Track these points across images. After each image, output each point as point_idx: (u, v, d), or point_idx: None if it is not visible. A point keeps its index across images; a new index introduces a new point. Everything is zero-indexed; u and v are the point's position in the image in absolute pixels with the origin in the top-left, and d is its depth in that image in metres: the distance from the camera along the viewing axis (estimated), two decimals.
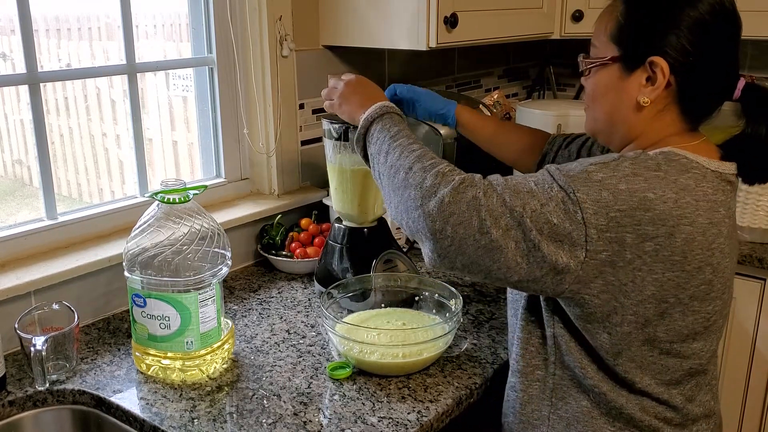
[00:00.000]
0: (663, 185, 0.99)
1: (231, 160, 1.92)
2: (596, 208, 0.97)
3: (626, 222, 0.97)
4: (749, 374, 2.00)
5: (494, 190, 1.01)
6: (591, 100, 1.16)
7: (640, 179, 0.99)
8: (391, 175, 1.13)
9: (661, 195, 0.98)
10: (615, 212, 0.97)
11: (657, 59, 1.04)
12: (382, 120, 1.22)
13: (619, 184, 0.98)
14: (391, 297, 1.51)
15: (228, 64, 1.84)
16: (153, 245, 1.27)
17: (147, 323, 1.29)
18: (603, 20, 1.12)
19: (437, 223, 1.02)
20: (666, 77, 1.05)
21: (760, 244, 1.98)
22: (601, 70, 1.11)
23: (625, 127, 1.12)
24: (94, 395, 1.28)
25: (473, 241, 1.00)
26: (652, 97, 1.07)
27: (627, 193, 0.97)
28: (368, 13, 1.85)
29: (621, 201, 0.97)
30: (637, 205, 0.97)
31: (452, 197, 1.01)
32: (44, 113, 1.53)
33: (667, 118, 1.09)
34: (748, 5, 1.98)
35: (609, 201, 0.97)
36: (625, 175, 0.99)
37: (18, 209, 3.51)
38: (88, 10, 2.48)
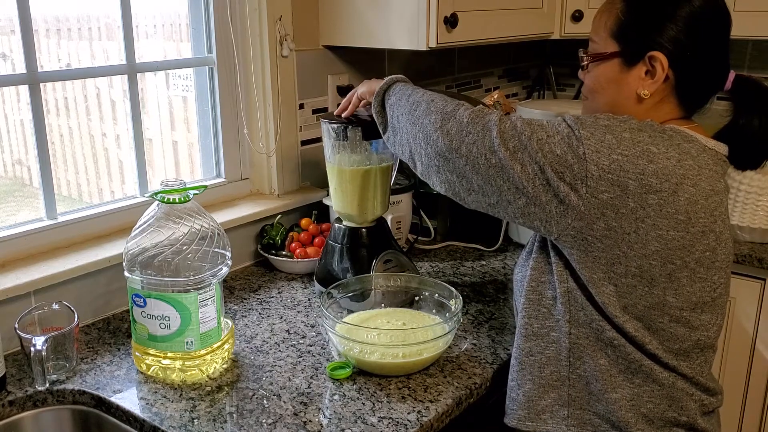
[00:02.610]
0: (667, 144, 1.06)
1: (231, 160, 1.92)
2: (598, 147, 1.04)
3: (629, 167, 1.03)
4: (749, 374, 2.00)
5: (509, 118, 1.11)
6: (591, 92, 1.22)
7: (644, 134, 1.06)
8: (411, 111, 1.23)
9: (664, 152, 1.04)
10: (617, 155, 1.03)
11: (656, 54, 1.12)
12: (404, 82, 1.34)
13: (624, 132, 1.05)
14: (391, 297, 1.51)
15: (228, 64, 1.84)
16: (153, 245, 1.27)
17: (147, 323, 1.29)
18: (602, 17, 1.18)
19: (454, 141, 1.13)
20: (665, 71, 1.12)
21: (760, 244, 1.98)
22: (602, 64, 1.17)
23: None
24: (94, 395, 1.28)
25: (485, 160, 1.10)
26: (652, 89, 1.14)
27: (630, 141, 1.04)
28: (368, 13, 1.85)
29: (624, 147, 1.04)
30: (639, 154, 1.03)
31: (470, 119, 1.13)
32: (44, 113, 1.53)
33: (665, 107, 1.16)
34: (748, 5, 1.99)
35: (612, 143, 1.04)
36: (630, 127, 1.06)
37: (18, 209, 3.51)
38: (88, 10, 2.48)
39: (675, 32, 1.11)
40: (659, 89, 1.15)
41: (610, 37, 1.16)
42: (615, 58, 1.16)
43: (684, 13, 1.11)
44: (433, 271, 1.81)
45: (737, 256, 1.94)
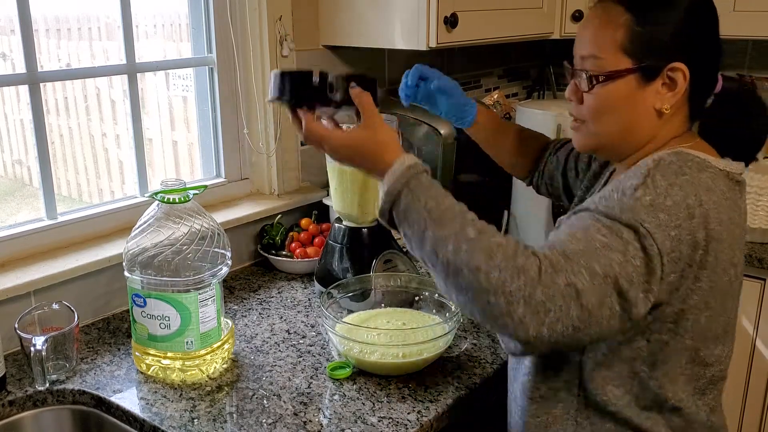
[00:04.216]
0: (693, 188, 0.97)
1: (231, 160, 1.92)
2: (661, 233, 0.93)
3: (683, 236, 0.94)
4: (749, 374, 2.00)
5: (574, 261, 0.90)
6: (596, 114, 1.08)
7: (676, 188, 0.96)
8: (447, 271, 0.94)
9: (695, 198, 0.96)
10: (673, 230, 0.94)
11: (678, 65, 1.02)
12: (409, 191, 0.98)
13: (666, 200, 0.95)
14: (391, 297, 1.51)
15: (228, 64, 1.84)
16: (153, 245, 1.27)
17: (147, 323, 1.29)
18: (604, 30, 1.05)
19: (531, 328, 0.89)
20: (686, 81, 1.03)
21: (760, 244, 1.98)
22: (612, 83, 1.05)
23: (639, 136, 1.08)
24: (94, 395, 1.28)
25: (571, 330, 0.90)
26: (672, 102, 1.04)
27: (675, 208, 0.95)
28: (368, 13, 1.85)
29: (674, 217, 0.94)
30: (685, 216, 0.95)
31: (543, 293, 0.88)
32: (44, 113, 1.53)
33: (676, 120, 1.08)
34: (748, 5, 1.99)
35: (666, 221, 0.93)
36: (665, 189, 0.96)
37: (18, 209, 3.51)
38: (88, 10, 2.48)
39: (688, 36, 1.03)
40: (674, 103, 1.05)
41: (621, 52, 1.03)
42: (632, 74, 1.04)
43: (696, 14, 1.04)
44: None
45: None
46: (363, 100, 1.07)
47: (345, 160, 1.10)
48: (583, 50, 1.08)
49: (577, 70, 1.09)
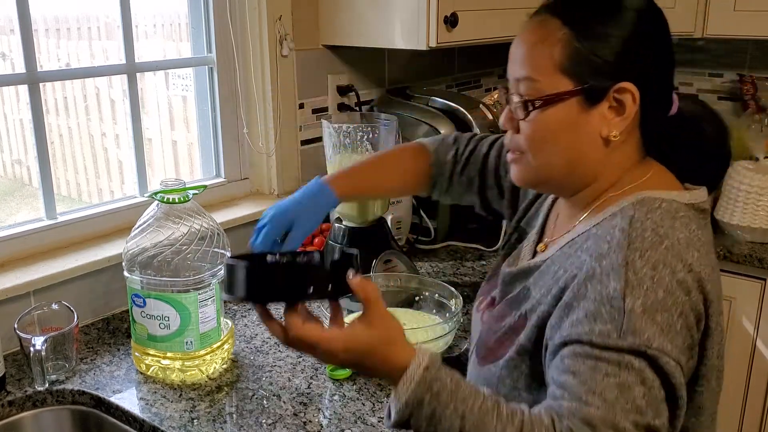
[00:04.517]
0: (677, 254, 0.85)
1: (231, 160, 1.91)
2: (668, 338, 0.81)
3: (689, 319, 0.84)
4: (749, 374, 2.00)
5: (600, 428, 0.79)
6: (536, 143, 0.94)
7: (660, 267, 0.83)
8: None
9: (683, 267, 0.85)
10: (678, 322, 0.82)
11: (626, 85, 0.90)
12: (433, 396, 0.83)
13: (658, 292, 0.82)
14: (391, 297, 1.51)
15: (228, 63, 1.84)
16: (152, 245, 1.27)
17: (146, 323, 1.29)
18: (540, 48, 0.92)
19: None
20: (637, 103, 0.90)
21: (760, 244, 1.98)
22: (552, 107, 0.91)
23: (586, 168, 0.95)
24: (94, 395, 1.28)
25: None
26: (621, 128, 0.92)
27: (670, 295, 0.83)
28: (368, 13, 1.84)
29: (673, 307, 0.82)
30: (682, 296, 0.83)
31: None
32: (44, 113, 1.53)
33: (628, 148, 0.95)
34: (748, 5, 1.99)
35: (668, 320, 0.82)
36: (650, 278, 0.83)
37: (17, 209, 3.51)
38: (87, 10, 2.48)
39: (636, 52, 0.91)
40: (624, 129, 0.92)
41: (560, 72, 0.90)
42: (573, 97, 0.91)
43: (638, 26, 0.91)
44: (433, 271, 1.81)
45: (737, 256, 1.94)
46: (368, 291, 0.85)
47: (346, 364, 0.90)
48: (517, 71, 0.94)
49: (511, 94, 0.95)
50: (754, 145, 2.02)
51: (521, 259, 1.08)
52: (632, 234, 0.86)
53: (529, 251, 1.08)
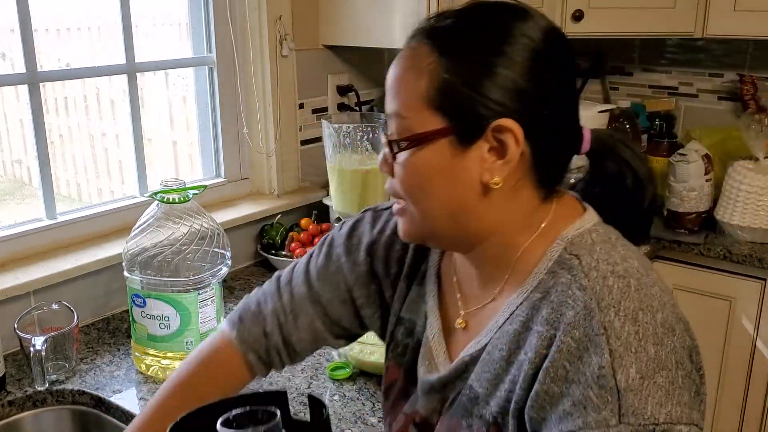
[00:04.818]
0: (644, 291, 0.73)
1: (231, 160, 1.91)
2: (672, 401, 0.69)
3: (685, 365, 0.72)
4: (750, 374, 2.00)
5: None
6: (411, 191, 0.80)
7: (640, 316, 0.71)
8: None
9: (659, 304, 0.73)
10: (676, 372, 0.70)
11: (505, 122, 0.73)
12: None
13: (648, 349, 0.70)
14: None
15: (228, 63, 1.84)
16: (153, 245, 1.27)
17: (146, 323, 1.28)
18: (406, 79, 0.79)
19: None
20: (520, 144, 0.74)
21: (761, 244, 1.98)
22: (423, 149, 0.76)
23: (473, 221, 0.79)
24: (94, 395, 1.28)
25: None
26: (504, 173, 0.75)
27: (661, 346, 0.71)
28: (368, 13, 1.84)
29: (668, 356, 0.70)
30: (669, 339, 0.71)
31: None
32: (44, 113, 1.53)
33: (523, 195, 0.78)
34: (748, 5, 1.99)
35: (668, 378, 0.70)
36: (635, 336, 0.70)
37: (17, 209, 3.51)
38: (88, 10, 2.48)
39: (522, 84, 0.74)
40: (513, 171, 0.76)
41: (430, 107, 0.75)
42: (444, 137, 0.75)
43: (525, 53, 0.74)
44: None
45: (737, 256, 1.94)
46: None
47: None
48: (388, 106, 0.81)
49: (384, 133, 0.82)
50: (754, 145, 2.02)
51: (437, 355, 0.87)
52: (596, 288, 0.72)
53: (439, 340, 0.88)
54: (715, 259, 1.98)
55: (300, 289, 0.99)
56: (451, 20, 0.79)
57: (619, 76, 2.57)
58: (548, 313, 0.74)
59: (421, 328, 0.90)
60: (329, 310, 0.98)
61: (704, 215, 2.07)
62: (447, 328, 0.88)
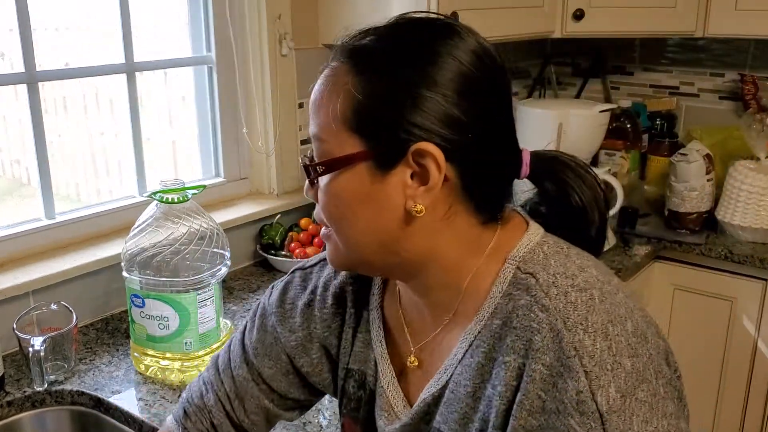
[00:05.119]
0: (609, 300, 0.70)
1: (230, 160, 1.91)
2: (657, 414, 0.65)
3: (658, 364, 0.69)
4: (751, 374, 2.00)
5: None
6: (332, 219, 0.76)
7: (610, 329, 0.67)
8: None
9: (626, 312, 0.70)
10: (657, 382, 0.67)
11: (425, 146, 0.69)
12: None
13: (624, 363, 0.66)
14: None
15: (227, 63, 1.84)
16: (152, 245, 1.27)
17: (146, 324, 1.28)
18: (323, 100, 0.74)
19: None
20: (442, 170, 0.69)
21: (762, 244, 1.98)
22: (342, 173, 0.72)
23: (400, 251, 0.74)
24: (93, 396, 1.27)
25: None
26: (427, 201, 0.70)
27: (634, 357, 0.67)
28: (368, 12, 1.84)
29: (644, 369, 0.67)
30: (640, 347, 0.68)
31: None
32: (42, 112, 1.52)
33: (458, 222, 0.73)
34: (749, 5, 1.99)
35: (648, 389, 0.66)
36: (608, 350, 0.66)
37: (16, 209, 3.50)
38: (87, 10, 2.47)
39: (445, 107, 0.69)
40: (439, 199, 0.71)
41: (347, 130, 0.71)
42: (361, 161, 0.71)
43: (449, 75, 0.69)
44: None
45: (738, 256, 1.93)
46: None
47: None
48: (309, 129, 0.76)
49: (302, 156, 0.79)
50: (756, 144, 2.02)
51: (395, 404, 0.82)
52: (558, 306, 0.68)
53: (394, 388, 0.83)
54: (716, 259, 1.98)
55: (239, 370, 0.93)
56: (372, 38, 0.76)
57: (619, 76, 2.57)
58: (512, 341, 0.69)
59: (373, 378, 0.85)
60: (275, 386, 0.92)
61: (705, 215, 2.06)
62: (400, 371, 0.83)
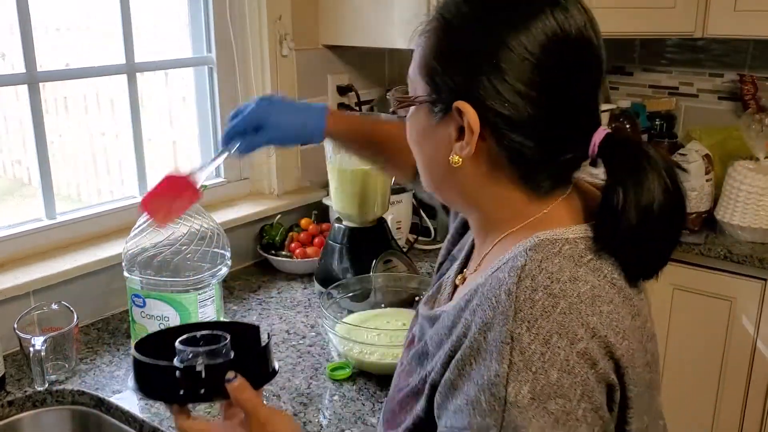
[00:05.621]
0: (577, 316, 0.69)
1: (230, 160, 1.90)
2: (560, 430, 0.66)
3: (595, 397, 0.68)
4: (750, 374, 2.00)
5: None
6: (412, 145, 0.84)
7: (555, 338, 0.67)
8: None
9: (585, 332, 0.68)
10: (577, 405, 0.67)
11: (462, 106, 0.73)
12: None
13: (551, 374, 0.66)
14: (391, 297, 1.51)
15: (227, 63, 1.84)
16: (152, 245, 1.27)
17: (146, 323, 1.28)
18: (416, 47, 0.81)
19: None
20: (475, 132, 0.73)
21: (761, 244, 1.98)
22: (416, 111, 0.80)
23: (451, 188, 0.81)
24: (94, 395, 1.27)
25: None
26: (464, 155, 0.75)
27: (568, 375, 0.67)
28: (368, 13, 1.84)
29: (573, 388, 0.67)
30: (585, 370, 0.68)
31: None
32: (43, 113, 1.53)
33: (500, 185, 0.77)
34: (748, 5, 1.99)
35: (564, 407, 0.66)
36: (541, 356, 0.67)
37: (17, 209, 3.50)
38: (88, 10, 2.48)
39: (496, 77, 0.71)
40: (479, 157, 0.75)
41: (421, 75, 0.78)
42: (423, 105, 0.78)
43: (515, 50, 0.71)
44: (433, 271, 1.81)
45: (738, 256, 1.94)
46: (243, 399, 0.82)
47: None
48: None
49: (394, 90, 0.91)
50: (755, 145, 2.02)
51: (438, 299, 0.91)
52: (520, 297, 0.69)
53: (449, 286, 0.91)
54: (716, 259, 1.98)
55: None
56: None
57: (619, 76, 2.57)
58: (476, 304, 0.73)
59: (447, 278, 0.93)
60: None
61: (705, 215, 2.07)
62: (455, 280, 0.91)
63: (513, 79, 0.71)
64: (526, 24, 0.71)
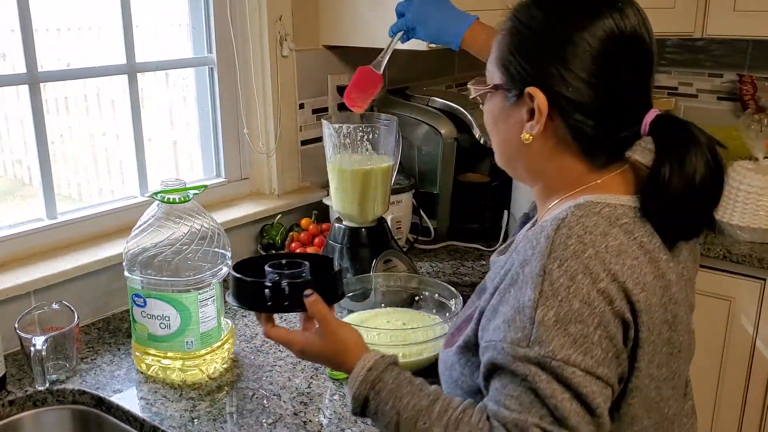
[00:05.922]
0: (601, 263, 0.82)
1: (231, 160, 1.92)
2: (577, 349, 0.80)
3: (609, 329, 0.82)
4: (749, 374, 2.00)
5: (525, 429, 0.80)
6: (488, 128, 1.01)
7: (580, 277, 0.81)
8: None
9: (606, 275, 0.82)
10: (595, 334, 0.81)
11: (533, 91, 0.88)
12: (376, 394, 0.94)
13: (573, 303, 0.81)
14: (391, 297, 1.51)
15: (228, 63, 1.84)
16: (153, 245, 1.27)
17: (147, 323, 1.29)
18: (495, 40, 0.96)
19: None
20: (543, 113, 0.88)
21: (760, 243, 1.98)
22: (489, 98, 0.97)
23: (520, 164, 0.98)
24: (94, 395, 1.28)
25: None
26: (534, 133, 0.91)
27: (587, 306, 0.81)
28: (368, 13, 1.85)
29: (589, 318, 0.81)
30: (603, 305, 0.81)
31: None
32: (44, 113, 1.53)
33: (564, 158, 0.93)
34: (748, 5, 1.99)
35: (582, 332, 0.81)
36: (567, 288, 0.81)
37: (18, 209, 3.50)
38: (88, 10, 2.48)
39: (563, 67, 0.87)
40: (547, 135, 0.91)
41: (497, 65, 0.94)
42: (497, 91, 0.94)
43: (579, 45, 0.86)
44: (433, 271, 1.81)
45: (737, 256, 1.94)
46: (317, 311, 1.01)
47: (308, 360, 1.17)
48: None
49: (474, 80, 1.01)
50: (754, 145, 2.02)
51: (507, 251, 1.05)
52: (556, 241, 0.84)
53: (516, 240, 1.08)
54: (715, 259, 1.98)
55: None
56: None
57: None
58: (521, 247, 0.88)
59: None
60: None
61: None
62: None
63: (577, 69, 0.86)
64: (588, 23, 0.86)
